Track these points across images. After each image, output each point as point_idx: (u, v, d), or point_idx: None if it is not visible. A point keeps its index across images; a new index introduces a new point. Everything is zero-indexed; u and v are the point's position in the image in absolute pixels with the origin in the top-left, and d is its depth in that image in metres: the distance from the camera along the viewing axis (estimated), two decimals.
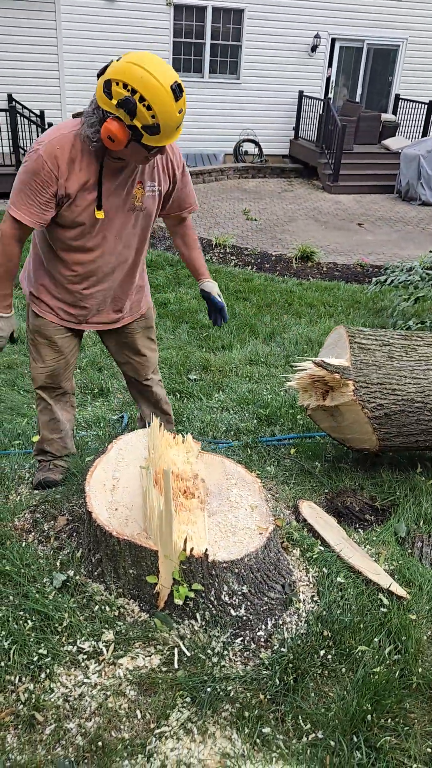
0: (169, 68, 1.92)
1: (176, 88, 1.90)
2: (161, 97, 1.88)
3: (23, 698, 1.69)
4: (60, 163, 2.06)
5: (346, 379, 2.66)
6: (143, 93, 1.87)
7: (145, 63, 1.88)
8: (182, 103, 1.93)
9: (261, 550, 1.92)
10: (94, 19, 11.36)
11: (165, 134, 1.97)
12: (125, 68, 1.88)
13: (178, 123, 1.97)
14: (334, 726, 1.66)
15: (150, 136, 1.95)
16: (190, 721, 1.66)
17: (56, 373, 2.60)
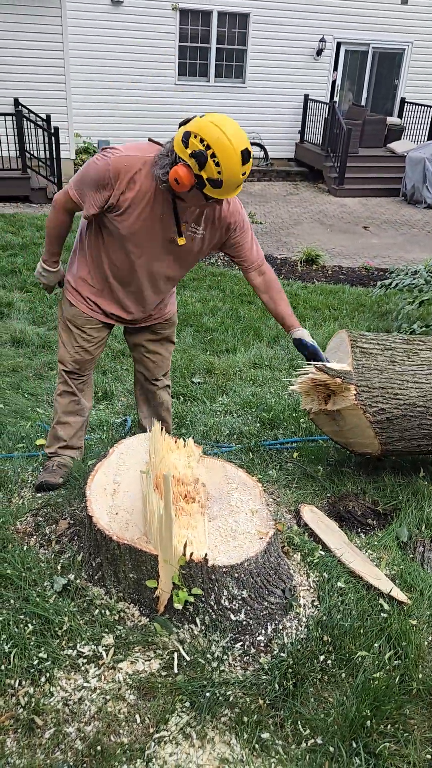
0: (243, 135, 2.12)
1: (245, 153, 2.10)
2: (230, 158, 2.07)
3: (23, 702, 1.69)
4: (122, 177, 2.26)
5: (347, 383, 2.66)
6: (215, 151, 2.06)
7: (224, 126, 2.08)
8: (247, 167, 2.13)
9: (261, 554, 1.92)
10: (100, 23, 11.41)
11: (226, 189, 2.16)
12: (206, 126, 2.08)
13: (240, 183, 2.16)
14: (333, 732, 1.66)
15: (212, 189, 2.14)
16: (189, 725, 1.66)
17: (83, 360, 2.75)
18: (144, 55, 11.90)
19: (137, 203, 2.31)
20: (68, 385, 2.79)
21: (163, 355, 2.93)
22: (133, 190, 2.28)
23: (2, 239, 7.87)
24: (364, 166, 12.47)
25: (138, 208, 2.32)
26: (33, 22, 10.13)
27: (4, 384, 4.34)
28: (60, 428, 2.84)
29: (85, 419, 2.90)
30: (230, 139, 2.07)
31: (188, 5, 11.91)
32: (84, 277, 2.63)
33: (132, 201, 2.30)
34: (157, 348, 2.89)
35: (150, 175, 2.26)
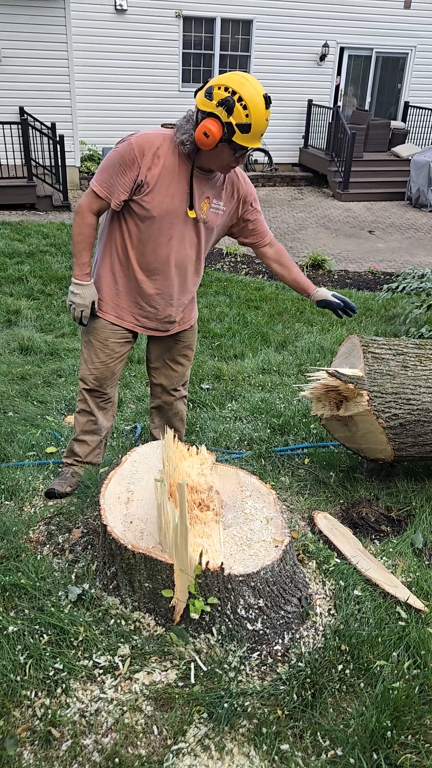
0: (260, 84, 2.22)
1: (267, 97, 2.20)
2: (256, 100, 2.16)
3: (39, 714, 1.68)
4: (146, 153, 2.30)
5: (360, 389, 2.65)
6: (242, 94, 2.15)
7: (244, 74, 2.21)
8: (269, 113, 2.22)
9: (277, 563, 1.90)
10: (104, 31, 11.46)
11: (254, 135, 2.22)
12: (228, 77, 2.19)
13: (264, 129, 2.23)
14: (353, 743, 1.64)
15: (242, 134, 2.20)
16: (208, 737, 1.64)
17: (103, 377, 2.71)
18: (148, 62, 11.95)
19: (165, 178, 2.34)
20: (87, 404, 2.77)
21: (185, 364, 2.92)
22: (158, 166, 2.32)
23: (9, 247, 7.89)
24: (368, 171, 12.47)
25: (166, 182, 2.35)
26: (37, 31, 10.19)
27: (14, 392, 4.34)
28: (77, 445, 2.85)
29: (103, 438, 2.88)
30: (253, 84, 2.18)
31: (192, 12, 11.96)
32: (108, 282, 2.60)
33: (160, 176, 2.33)
34: (180, 358, 2.87)
35: (172, 150, 2.32)
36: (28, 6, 10.00)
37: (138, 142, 2.31)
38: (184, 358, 2.89)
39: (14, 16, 10.01)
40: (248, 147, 2.26)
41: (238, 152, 2.28)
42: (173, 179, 2.35)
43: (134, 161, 2.31)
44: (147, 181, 2.33)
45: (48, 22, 10.18)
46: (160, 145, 2.32)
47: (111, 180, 2.36)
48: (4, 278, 6.87)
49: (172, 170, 2.34)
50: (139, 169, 2.31)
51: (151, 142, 2.31)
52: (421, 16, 13.34)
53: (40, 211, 9.99)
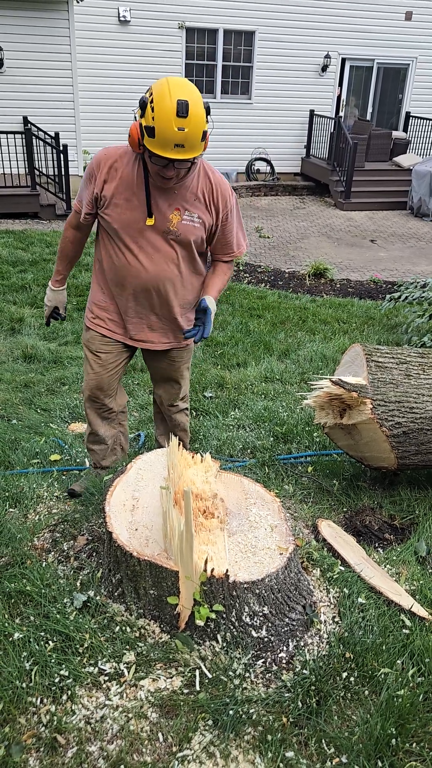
0: (190, 91, 2.09)
1: (181, 104, 2.04)
2: (163, 104, 2.05)
3: (45, 720, 1.68)
4: (102, 166, 2.32)
5: (363, 397, 2.66)
6: (154, 97, 2.08)
7: (171, 78, 2.11)
8: (184, 123, 2.06)
9: (281, 570, 1.91)
10: (108, 42, 11.57)
11: (159, 142, 2.11)
12: (162, 79, 2.12)
13: (175, 139, 2.09)
14: (358, 750, 1.64)
15: (148, 138, 2.12)
16: (213, 744, 1.64)
17: (98, 388, 2.74)
18: (151, 72, 12.03)
19: (123, 191, 2.33)
20: (88, 416, 2.86)
21: (181, 383, 2.92)
22: (115, 179, 2.32)
23: (12, 255, 7.93)
24: (370, 180, 12.54)
25: (124, 195, 2.33)
26: (42, 42, 10.28)
27: (17, 399, 4.36)
28: (90, 453, 2.98)
29: (108, 446, 2.95)
30: (170, 87, 2.06)
31: (195, 24, 12.07)
32: (97, 295, 2.64)
33: (116, 189, 2.33)
34: (175, 375, 2.86)
35: (133, 161, 2.30)
36: (32, 17, 10.09)
37: (97, 156, 2.35)
38: (182, 378, 2.90)
39: (19, 26, 10.10)
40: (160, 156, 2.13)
41: (154, 159, 2.18)
42: (133, 191, 2.33)
43: (92, 175, 2.35)
44: (104, 194, 2.35)
45: (52, 32, 10.28)
46: (119, 158, 2.31)
47: (81, 194, 2.44)
48: (8, 287, 6.91)
49: (130, 181, 2.32)
50: (95, 183, 2.34)
51: (109, 155, 2.32)
52: (423, 27, 13.46)
53: (43, 219, 10.05)
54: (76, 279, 7.32)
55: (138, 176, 2.31)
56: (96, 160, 2.34)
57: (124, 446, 3.04)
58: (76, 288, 6.97)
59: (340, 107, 13.70)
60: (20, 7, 9.97)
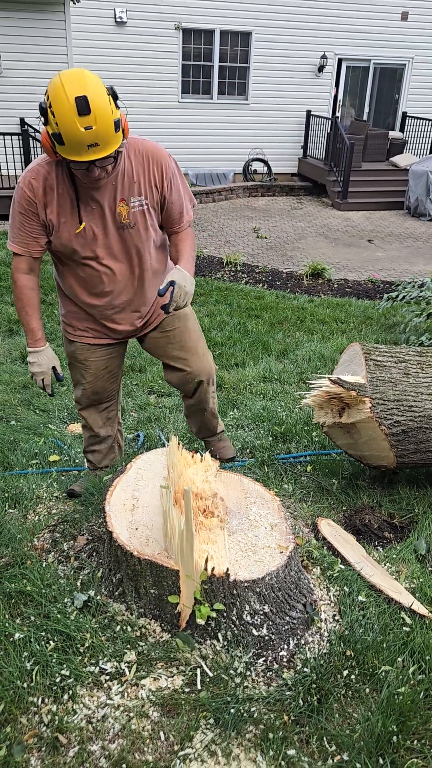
0: (86, 84, 1.87)
1: (80, 102, 1.85)
2: (62, 106, 1.88)
3: (46, 720, 1.68)
4: (37, 192, 2.13)
5: (362, 396, 2.66)
6: (51, 100, 1.90)
7: (63, 73, 1.90)
8: (90, 120, 1.88)
9: (282, 569, 1.91)
10: (104, 43, 11.58)
11: (71, 148, 1.94)
12: (55, 77, 1.93)
13: (86, 140, 1.92)
14: (359, 748, 1.64)
15: (59, 146, 1.96)
16: (214, 743, 1.64)
17: (95, 394, 2.70)
18: (147, 73, 12.05)
19: (65, 207, 2.16)
20: (86, 421, 2.82)
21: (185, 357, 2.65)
22: (53, 198, 2.14)
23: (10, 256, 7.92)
24: (367, 180, 12.56)
25: (68, 211, 2.16)
26: (38, 43, 10.29)
27: (16, 400, 4.36)
28: (89, 455, 2.96)
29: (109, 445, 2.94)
30: (64, 85, 1.85)
31: (191, 25, 12.08)
32: (70, 308, 2.52)
33: (59, 209, 2.15)
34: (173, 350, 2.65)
35: (62, 172, 2.12)
36: (28, 18, 10.10)
37: (25, 182, 2.12)
38: (181, 348, 2.66)
39: (15, 28, 10.11)
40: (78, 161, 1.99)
41: (73, 165, 2.02)
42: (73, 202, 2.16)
43: (30, 204, 2.13)
44: (50, 220, 2.18)
45: (49, 34, 10.28)
46: (47, 175, 2.12)
47: (20, 233, 2.20)
48: (5, 288, 6.90)
49: (67, 194, 2.15)
50: (37, 212, 2.15)
51: (38, 176, 2.12)
52: (419, 27, 13.49)
53: None
54: None
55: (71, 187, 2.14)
56: (28, 186, 2.12)
57: (121, 444, 3.04)
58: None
59: (336, 107, 13.72)
60: (17, 8, 9.97)
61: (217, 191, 12.49)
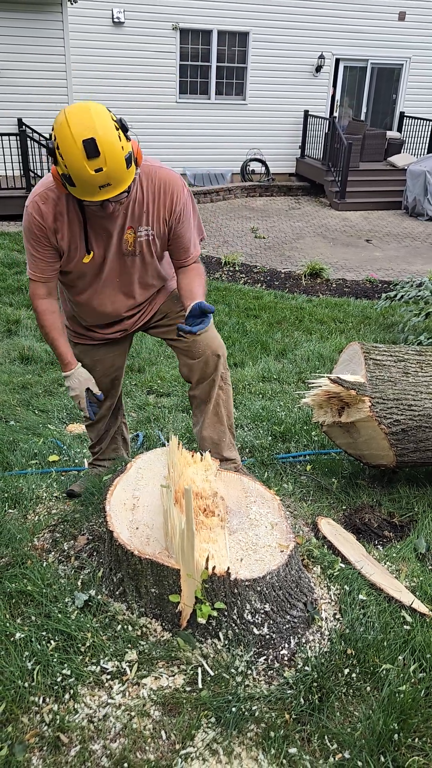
0: (93, 124, 1.81)
1: (89, 144, 1.79)
2: (69, 149, 1.82)
3: (47, 719, 1.68)
4: (46, 218, 2.08)
5: (362, 395, 2.67)
6: (58, 142, 1.84)
7: (69, 111, 1.83)
8: (100, 162, 1.82)
9: (282, 567, 1.91)
10: (102, 44, 11.58)
11: (83, 189, 1.89)
12: (61, 113, 1.86)
13: (97, 182, 1.86)
14: (361, 746, 1.64)
15: (70, 187, 1.91)
16: (216, 741, 1.64)
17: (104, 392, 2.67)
18: (145, 74, 12.06)
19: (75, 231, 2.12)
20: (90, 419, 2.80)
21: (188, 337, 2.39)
22: (64, 223, 2.10)
23: (8, 257, 7.93)
24: (365, 180, 12.57)
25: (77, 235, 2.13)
26: (36, 44, 10.29)
27: (15, 401, 4.36)
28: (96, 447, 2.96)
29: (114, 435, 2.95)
30: (71, 126, 1.79)
31: (189, 25, 12.09)
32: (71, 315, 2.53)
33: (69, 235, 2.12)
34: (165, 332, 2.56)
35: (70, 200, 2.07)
36: (26, 18, 10.09)
37: (35, 207, 2.06)
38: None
39: (13, 28, 10.11)
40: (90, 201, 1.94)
41: (85, 203, 1.97)
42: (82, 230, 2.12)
43: (41, 230, 2.09)
44: (61, 246, 2.14)
45: (46, 34, 10.28)
46: (57, 200, 2.07)
47: (34, 259, 2.17)
48: (4, 288, 6.90)
49: (77, 220, 2.11)
50: (48, 238, 2.11)
51: (47, 201, 2.06)
52: (416, 27, 13.51)
53: None
54: None
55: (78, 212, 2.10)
56: (36, 213, 2.07)
57: (126, 438, 3.04)
58: None
59: (334, 107, 13.73)
60: (14, 8, 9.97)
61: (215, 191, 12.49)
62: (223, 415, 2.66)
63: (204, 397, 2.61)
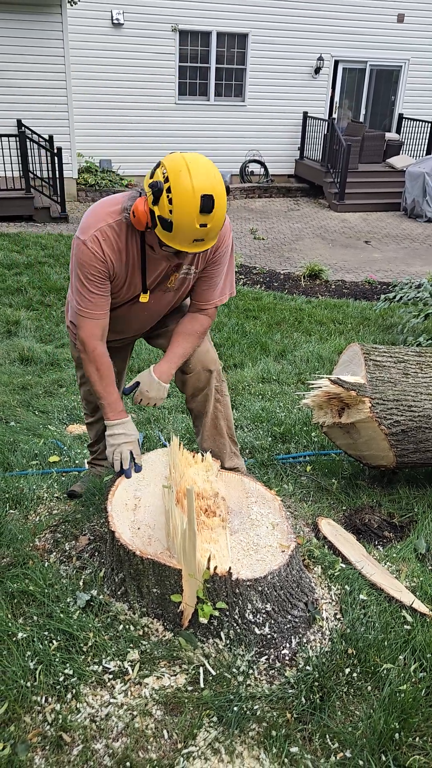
0: (214, 181, 1.82)
1: (207, 200, 1.80)
2: (185, 198, 1.80)
3: (50, 719, 1.69)
4: (107, 257, 2.04)
5: (362, 396, 2.68)
6: (172, 185, 1.81)
7: (192, 161, 1.83)
8: (209, 219, 1.83)
9: (284, 567, 1.92)
10: (101, 45, 11.59)
11: (178, 237, 1.87)
12: (175, 158, 1.86)
13: (197, 235, 1.87)
14: (362, 745, 1.65)
15: (162, 230, 1.88)
16: (218, 740, 1.65)
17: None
18: (145, 75, 12.07)
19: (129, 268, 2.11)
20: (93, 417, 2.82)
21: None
22: (121, 258, 2.07)
23: (7, 258, 7.93)
24: (364, 182, 12.59)
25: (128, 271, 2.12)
26: (35, 45, 10.30)
27: (15, 401, 4.36)
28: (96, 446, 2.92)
29: None
30: (192, 177, 1.79)
31: (188, 27, 12.10)
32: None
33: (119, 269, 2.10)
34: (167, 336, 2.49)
35: (126, 230, 2.03)
36: (25, 20, 10.11)
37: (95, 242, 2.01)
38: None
39: (12, 30, 10.12)
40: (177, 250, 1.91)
41: (164, 247, 1.93)
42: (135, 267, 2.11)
43: (103, 265, 2.05)
44: (117, 277, 2.13)
45: (46, 35, 10.29)
46: (117, 237, 2.03)
47: (92, 297, 2.10)
48: (3, 289, 6.91)
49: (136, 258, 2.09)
50: (107, 271, 2.08)
51: (107, 238, 2.02)
52: (414, 29, 13.54)
53: (37, 222, 10.05)
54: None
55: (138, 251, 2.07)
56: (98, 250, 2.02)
57: None
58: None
59: (333, 109, 13.75)
60: (14, 10, 9.98)
61: None
62: (222, 427, 2.63)
63: (201, 409, 2.58)
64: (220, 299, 2.35)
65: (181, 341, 2.33)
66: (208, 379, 2.50)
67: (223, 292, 2.34)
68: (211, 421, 2.59)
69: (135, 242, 2.06)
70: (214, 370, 2.50)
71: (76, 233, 2.09)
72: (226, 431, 2.64)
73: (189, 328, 2.35)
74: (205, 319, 2.36)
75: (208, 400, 2.55)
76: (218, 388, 2.57)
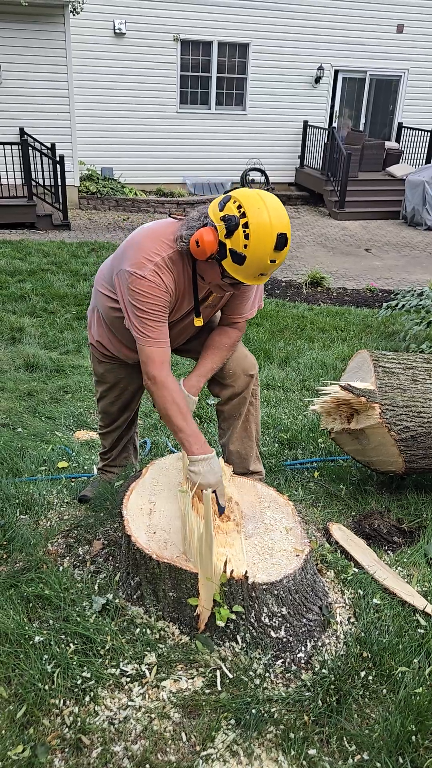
0: (285, 219, 1.90)
1: (281, 238, 1.87)
2: (263, 234, 1.85)
3: (68, 722, 1.70)
4: (169, 287, 2.08)
5: (372, 402, 2.70)
6: (249, 220, 1.85)
7: (267, 200, 1.88)
8: (279, 256, 1.90)
9: (299, 571, 1.94)
10: (104, 54, 11.67)
11: (247, 271, 1.92)
12: (248, 194, 1.89)
13: (265, 269, 1.93)
14: (379, 747, 1.66)
15: (233, 264, 1.92)
16: (236, 743, 1.66)
17: (124, 406, 2.71)
18: (146, 84, 12.15)
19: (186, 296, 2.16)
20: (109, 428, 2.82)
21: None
22: (178, 290, 2.12)
23: (10, 265, 7.96)
24: (364, 190, 12.66)
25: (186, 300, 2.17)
26: (38, 54, 10.37)
27: (21, 408, 4.38)
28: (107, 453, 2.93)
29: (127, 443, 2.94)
30: (270, 214, 1.85)
31: (189, 36, 12.19)
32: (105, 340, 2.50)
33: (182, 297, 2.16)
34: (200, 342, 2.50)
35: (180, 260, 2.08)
36: (29, 29, 10.18)
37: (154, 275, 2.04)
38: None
39: (15, 39, 10.19)
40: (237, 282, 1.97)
41: (226, 278, 1.99)
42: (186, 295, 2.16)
43: (167, 293, 2.08)
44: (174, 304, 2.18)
45: (48, 45, 10.37)
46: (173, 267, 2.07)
47: (158, 326, 2.10)
48: (7, 296, 6.93)
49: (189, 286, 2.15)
50: (168, 302, 2.11)
51: (163, 268, 2.05)
52: (414, 39, 13.64)
53: (40, 230, 10.09)
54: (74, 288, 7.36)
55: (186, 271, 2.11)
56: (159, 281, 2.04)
57: (136, 445, 3.06)
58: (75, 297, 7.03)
59: (333, 118, 13.84)
60: (17, 19, 10.06)
61: None
62: (252, 431, 2.64)
63: (234, 412, 2.59)
64: (251, 312, 2.38)
65: (212, 355, 2.37)
66: (248, 383, 2.53)
67: (253, 305, 2.38)
68: (243, 424, 2.61)
69: (186, 270, 2.10)
70: (254, 374, 2.54)
71: (125, 266, 2.08)
72: (254, 435, 2.66)
73: (219, 342, 2.38)
74: (235, 333, 2.39)
75: (243, 404, 2.57)
76: (254, 392, 2.59)
